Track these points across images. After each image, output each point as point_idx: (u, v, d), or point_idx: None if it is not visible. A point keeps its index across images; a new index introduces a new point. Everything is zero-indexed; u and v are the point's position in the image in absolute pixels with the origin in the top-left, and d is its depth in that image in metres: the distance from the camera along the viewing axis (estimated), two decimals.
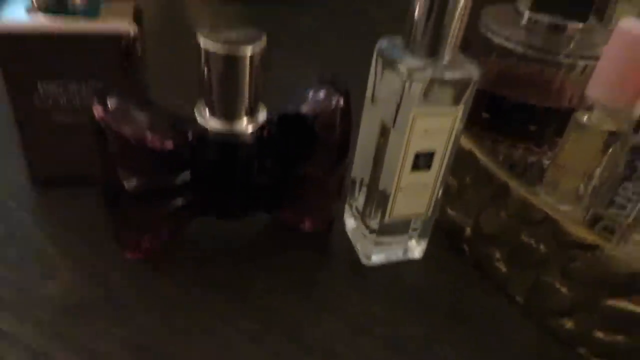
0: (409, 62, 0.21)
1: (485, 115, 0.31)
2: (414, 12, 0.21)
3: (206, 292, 0.24)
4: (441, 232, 0.29)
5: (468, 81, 0.21)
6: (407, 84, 0.21)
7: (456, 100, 0.22)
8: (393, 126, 0.22)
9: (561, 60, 0.28)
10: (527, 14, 0.28)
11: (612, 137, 0.26)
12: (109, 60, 0.25)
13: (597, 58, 0.25)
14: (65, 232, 0.26)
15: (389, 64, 0.22)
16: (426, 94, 0.21)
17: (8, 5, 0.25)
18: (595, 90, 0.25)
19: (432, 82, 0.21)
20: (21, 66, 0.25)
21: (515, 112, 0.30)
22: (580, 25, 0.28)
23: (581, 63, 0.28)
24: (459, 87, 0.21)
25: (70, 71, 0.25)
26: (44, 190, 0.28)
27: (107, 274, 0.25)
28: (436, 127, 0.22)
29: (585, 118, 0.27)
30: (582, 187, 0.28)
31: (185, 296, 0.24)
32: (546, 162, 0.31)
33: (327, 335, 0.23)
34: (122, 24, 0.25)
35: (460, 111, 0.22)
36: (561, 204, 0.28)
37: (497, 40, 0.29)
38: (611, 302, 0.22)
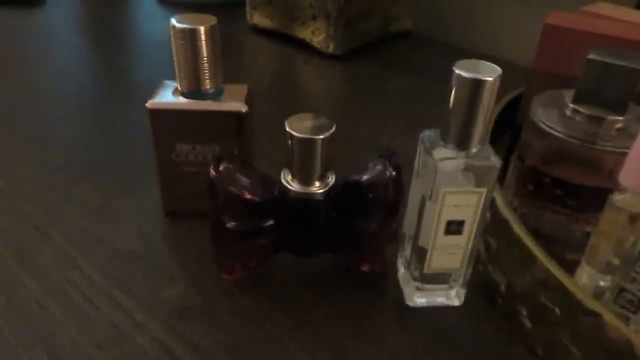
0: (442, 152, 0.27)
1: (530, 187, 0.35)
2: (448, 114, 0.27)
3: (277, 308, 0.32)
4: (481, 285, 0.34)
5: (490, 169, 0.27)
6: (438, 169, 0.27)
7: (480, 183, 0.27)
8: (429, 198, 0.28)
9: (599, 148, 0.32)
10: (570, 105, 0.33)
11: (636, 219, 0.29)
12: (226, 129, 0.34)
13: None
14: (183, 253, 0.35)
15: (428, 150, 0.28)
16: (454, 176, 0.27)
17: (161, 89, 0.35)
18: (625, 177, 0.29)
19: (458, 168, 0.27)
20: (166, 131, 0.34)
21: (555, 187, 0.34)
22: (619, 118, 0.32)
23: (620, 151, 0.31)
24: (482, 172, 0.27)
25: (199, 136, 0.35)
26: (172, 220, 0.38)
27: (208, 288, 0.33)
28: (464, 202, 0.28)
29: (619, 199, 0.30)
30: (614, 259, 0.31)
31: (261, 310, 0.32)
32: (588, 229, 0.34)
33: (364, 359, 0.29)
34: (236, 104, 0.34)
35: (484, 191, 0.27)
36: (599, 272, 0.31)
37: (542, 126, 0.33)
38: None
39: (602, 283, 0.31)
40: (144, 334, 0.30)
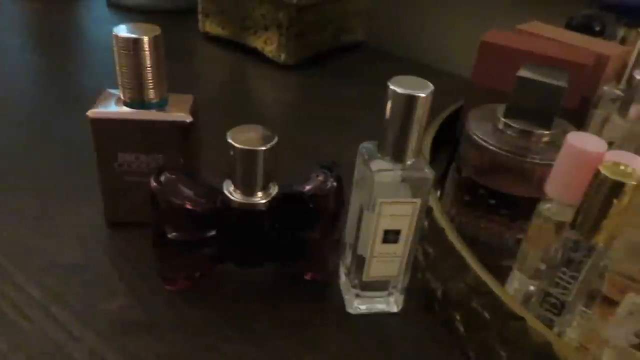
0: (378, 164, 0.28)
1: (466, 197, 0.37)
2: (384, 128, 0.28)
3: (221, 319, 0.32)
4: (421, 292, 0.35)
5: (424, 180, 0.28)
6: (375, 180, 0.28)
7: (415, 193, 0.28)
8: (367, 209, 0.29)
9: (529, 160, 0.33)
10: (502, 119, 0.35)
11: (560, 227, 0.31)
12: (170, 140, 0.34)
13: None
14: (126, 264, 0.35)
15: (366, 162, 0.29)
16: (390, 187, 0.28)
17: (103, 98, 0.35)
18: (550, 188, 0.31)
19: (394, 179, 0.28)
20: (108, 142, 0.34)
21: (489, 197, 0.35)
22: (546, 132, 0.34)
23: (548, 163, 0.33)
24: (417, 183, 0.28)
25: (142, 146, 0.34)
26: (114, 231, 0.38)
27: (151, 299, 0.33)
28: (400, 212, 0.29)
29: (545, 208, 0.32)
30: (542, 265, 0.33)
31: (204, 321, 0.32)
32: (520, 237, 0.36)
33: None
34: (181, 115, 0.34)
35: (419, 201, 0.29)
36: (529, 278, 0.33)
37: (477, 139, 0.35)
38: None
39: (531, 288, 0.33)
40: (82, 348, 0.29)
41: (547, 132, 0.34)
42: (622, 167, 0.26)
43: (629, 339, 0.26)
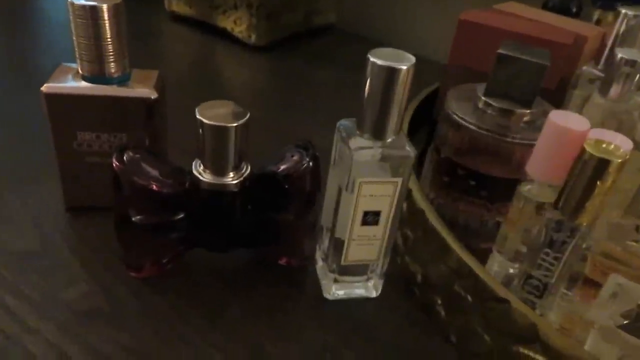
0: (357, 141, 0.27)
1: (445, 178, 0.36)
2: (363, 103, 0.26)
3: (190, 308, 0.30)
4: (399, 277, 0.34)
5: (405, 159, 0.27)
6: (354, 158, 0.26)
7: (396, 173, 0.27)
8: (346, 189, 0.28)
9: (510, 140, 0.33)
10: (482, 98, 0.34)
11: (541, 208, 0.30)
12: (134, 117, 0.32)
13: None
14: (87, 251, 0.33)
15: (344, 140, 0.27)
16: (370, 167, 0.26)
17: (59, 73, 0.32)
18: (531, 168, 0.30)
19: (374, 158, 0.26)
20: (66, 119, 0.32)
21: (469, 178, 0.34)
22: (527, 111, 0.33)
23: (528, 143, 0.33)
24: (398, 162, 0.27)
25: (104, 124, 0.32)
26: (74, 216, 0.35)
27: (114, 288, 0.31)
28: (380, 193, 0.27)
29: (526, 189, 0.31)
30: (522, 247, 0.32)
31: (172, 310, 0.30)
32: (499, 219, 0.35)
33: (282, 356, 0.28)
34: (145, 90, 0.32)
35: (399, 181, 0.27)
36: (509, 260, 0.32)
37: (456, 118, 0.34)
38: (518, 349, 0.26)
39: (511, 270, 0.33)
40: (37, 340, 0.27)
41: (528, 111, 0.33)
42: (605, 145, 0.25)
43: (615, 320, 0.25)
